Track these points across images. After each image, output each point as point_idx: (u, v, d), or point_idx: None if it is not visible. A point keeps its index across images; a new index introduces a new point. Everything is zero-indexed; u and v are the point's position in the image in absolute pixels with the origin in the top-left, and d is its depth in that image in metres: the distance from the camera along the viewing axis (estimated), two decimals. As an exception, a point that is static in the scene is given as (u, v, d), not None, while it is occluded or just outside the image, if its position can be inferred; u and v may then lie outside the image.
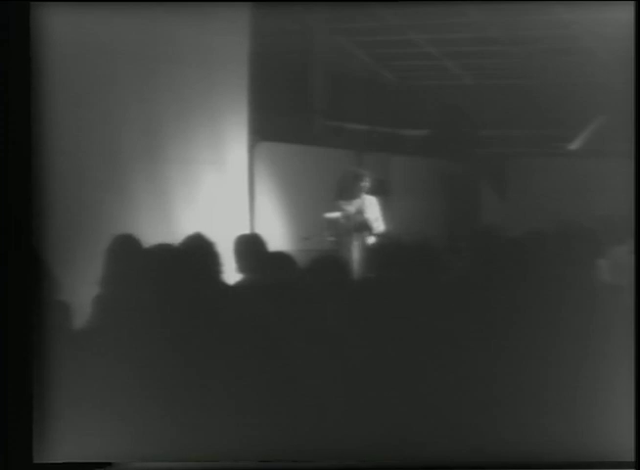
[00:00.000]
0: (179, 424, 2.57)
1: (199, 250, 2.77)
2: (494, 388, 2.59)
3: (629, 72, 2.66)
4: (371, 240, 5.59)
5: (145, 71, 3.28)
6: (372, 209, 5.89)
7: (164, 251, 2.72)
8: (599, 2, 2.86)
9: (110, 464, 2.61)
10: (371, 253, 3.55)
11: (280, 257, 3.01)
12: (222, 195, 4.06)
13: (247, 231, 4.00)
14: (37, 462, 2.59)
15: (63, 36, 2.80)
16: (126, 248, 2.74)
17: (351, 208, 5.73)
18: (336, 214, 5.60)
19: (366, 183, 5.77)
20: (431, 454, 2.58)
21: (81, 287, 2.68)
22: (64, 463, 2.60)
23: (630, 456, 2.54)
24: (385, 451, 2.59)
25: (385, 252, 2.92)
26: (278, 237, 4.65)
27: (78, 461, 2.60)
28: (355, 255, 5.50)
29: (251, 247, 3.27)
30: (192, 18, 3.10)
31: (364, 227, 5.63)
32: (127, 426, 2.57)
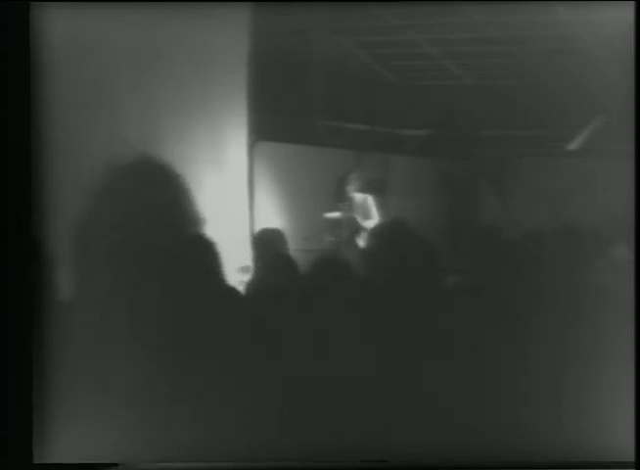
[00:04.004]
0: (180, 425, 2.57)
1: (198, 250, 2.77)
2: (494, 388, 2.59)
3: (630, 72, 2.65)
4: (371, 239, 5.57)
5: (145, 71, 3.28)
6: (372, 208, 5.87)
7: (164, 251, 2.72)
8: (599, 2, 2.85)
9: (113, 465, 2.61)
10: (371, 252, 3.55)
11: (279, 256, 3.01)
12: (222, 195, 4.05)
13: (246, 231, 4.00)
14: (37, 462, 2.59)
15: (63, 36, 2.80)
16: (127, 248, 2.74)
17: (351, 207, 5.72)
18: (335, 214, 5.59)
19: (365, 183, 5.75)
20: (431, 454, 2.58)
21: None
22: (63, 464, 2.60)
23: (630, 456, 2.54)
24: (385, 452, 2.59)
25: (384, 251, 2.92)
26: (277, 237, 4.63)
27: (78, 462, 2.60)
28: (355, 254, 5.48)
29: (253, 247, 3.27)
30: (192, 17, 3.10)
31: (364, 227, 5.61)
32: (128, 426, 2.56)
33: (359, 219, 5.28)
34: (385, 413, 2.59)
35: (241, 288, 3.01)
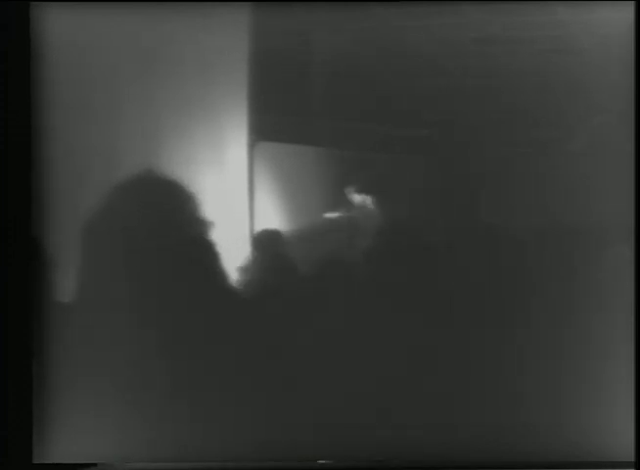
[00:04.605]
0: (181, 425, 2.57)
1: (198, 250, 2.77)
2: (494, 387, 2.59)
3: (630, 72, 2.66)
4: (371, 240, 5.57)
5: (145, 71, 3.28)
6: (371, 209, 5.87)
7: (164, 251, 2.72)
8: (599, 2, 2.86)
9: (92, 465, 2.61)
10: (370, 252, 3.56)
11: (279, 257, 3.01)
12: (221, 195, 4.05)
13: (246, 231, 4.00)
14: (37, 462, 2.59)
15: (63, 36, 2.80)
16: (127, 248, 2.74)
17: (351, 208, 5.72)
18: (335, 215, 5.59)
19: (365, 183, 5.76)
20: (431, 454, 2.58)
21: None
22: (63, 464, 2.60)
23: (630, 456, 2.54)
24: (385, 451, 2.59)
25: (384, 251, 2.92)
26: (277, 237, 4.63)
27: (78, 462, 2.60)
28: (355, 255, 5.48)
29: (253, 247, 3.27)
30: (193, 17, 3.10)
31: (364, 227, 5.61)
32: (129, 426, 2.56)
33: (359, 220, 5.29)
34: (384, 413, 2.59)
35: (240, 288, 3.01)
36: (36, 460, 2.58)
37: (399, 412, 2.59)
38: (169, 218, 2.82)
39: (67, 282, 2.67)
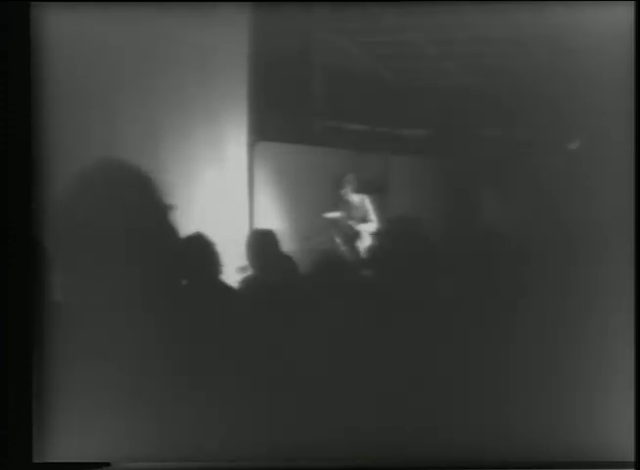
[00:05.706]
0: (179, 424, 2.57)
1: (198, 249, 2.77)
2: (494, 387, 2.59)
3: (630, 72, 2.66)
4: (371, 239, 5.56)
5: (145, 70, 3.28)
6: (370, 209, 5.86)
7: (164, 250, 2.72)
8: (599, 2, 2.86)
9: (108, 464, 2.61)
10: (371, 251, 3.56)
11: (278, 256, 3.01)
12: (222, 194, 4.05)
13: (246, 231, 4.00)
14: (37, 462, 2.59)
15: (63, 36, 2.81)
16: (127, 248, 2.74)
17: (349, 208, 5.72)
18: (334, 215, 5.58)
19: (363, 183, 5.75)
20: (431, 454, 2.58)
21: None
22: (63, 463, 2.60)
23: (630, 456, 2.54)
24: (385, 451, 2.59)
25: (384, 250, 2.92)
26: (276, 237, 4.63)
27: (78, 461, 2.60)
28: (356, 254, 5.48)
29: (252, 246, 3.27)
30: (193, 18, 3.11)
31: (362, 227, 5.61)
32: (127, 426, 2.56)
33: (357, 220, 5.29)
34: (384, 412, 2.59)
35: (240, 287, 3.01)
36: (36, 460, 2.58)
37: (398, 413, 2.59)
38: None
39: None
